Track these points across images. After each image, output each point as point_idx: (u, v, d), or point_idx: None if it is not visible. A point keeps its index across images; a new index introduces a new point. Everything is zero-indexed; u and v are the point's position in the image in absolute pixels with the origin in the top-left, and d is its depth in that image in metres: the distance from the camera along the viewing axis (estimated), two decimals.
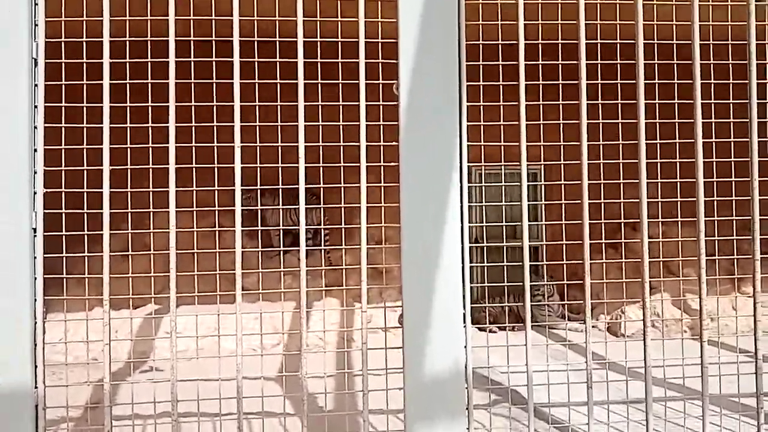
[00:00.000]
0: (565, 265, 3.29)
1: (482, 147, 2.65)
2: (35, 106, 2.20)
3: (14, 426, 2.16)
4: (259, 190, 2.53)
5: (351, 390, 3.70)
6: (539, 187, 7.06)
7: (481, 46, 2.65)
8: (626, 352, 3.21)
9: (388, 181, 2.56)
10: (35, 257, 2.19)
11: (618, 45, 3.00)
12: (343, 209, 2.59)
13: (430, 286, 2.44)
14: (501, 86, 2.71)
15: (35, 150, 2.20)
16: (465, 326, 2.54)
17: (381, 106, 2.48)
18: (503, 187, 3.08)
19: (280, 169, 2.52)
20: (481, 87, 2.64)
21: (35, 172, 2.20)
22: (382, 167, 2.51)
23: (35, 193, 2.20)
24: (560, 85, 2.73)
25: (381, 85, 2.50)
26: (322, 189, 2.53)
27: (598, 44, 2.83)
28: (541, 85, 2.79)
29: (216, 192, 2.52)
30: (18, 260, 2.17)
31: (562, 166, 2.75)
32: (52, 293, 2.52)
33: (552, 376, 3.23)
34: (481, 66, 2.62)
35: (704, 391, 2.63)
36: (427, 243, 2.42)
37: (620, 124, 2.96)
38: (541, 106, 2.76)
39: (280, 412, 2.88)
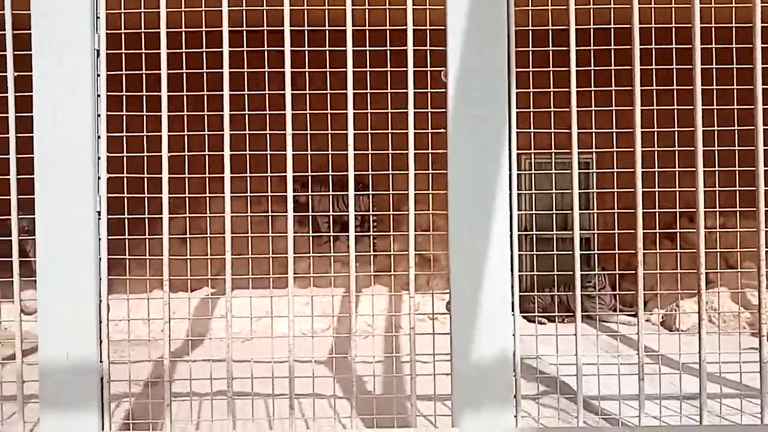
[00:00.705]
0: (617, 256, 3.22)
1: (532, 135, 2.62)
2: (98, 95, 2.31)
3: (81, 396, 2.30)
4: (309, 178, 2.58)
5: (398, 375, 3.74)
6: (591, 175, 6.89)
7: (530, 31, 2.61)
8: (680, 346, 3.12)
9: (435, 168, 2.56)
10: (99, 239, 2.32)
11: (673, 29, 2.88)
12: (391, 197, 2.61)
13: (478, 274, 2.44)
14: (551, 72, 2.67)
15: (98, 137, 2.32)
16: (513, 314, 2.54)
17: (429, 94, 2.48)
18: (554, 176, 3.03)
19: (330, 156, 2.57)
20: (531, 73, 2.61)
21: (99, 158, 2.32)
22: (429, 155, 2.52)
23: (99, 177, 2.32)
24: (612, 71, 2.66)
25: (429, 73, 2.50)
26: (370, 176, 2.55)
27: (653, 28, 2.74)
28: (592, 71, 2.72)
29: (269, 179, 2.59)
30: (84, 241, 2.30)
31: (615, 153, 2.68)
32: (114, 274, 2.66)
33: (602, 368, 3.17)
34: (530, 52, 2.58)
35: (763, 388, 2.54)
36: (475, 231, 2.42)
37: (675, 110, 2.86)
38: (593, 92, 2.69)
39: (330, 394, 2.95)
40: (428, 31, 2.47)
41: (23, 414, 2.42)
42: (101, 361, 2.33)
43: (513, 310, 2.54)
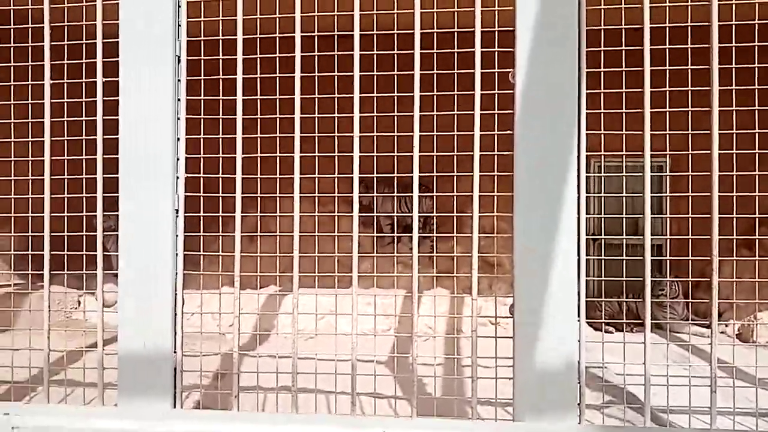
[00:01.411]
0: (691, 264, 3.09)
1: (602, 136, 2.56)
2: (178, 99, 2.43)
3: (155, 384, 2.43)
4: (375, 180, 2.62)
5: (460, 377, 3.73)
6: (664, 178, 6.63)
7: (602, 30, 2.55)
8: (757, 359, 2.97)
9: (501, 170, 2.55)
10: (177, 235, 2.44)
11: (756, 25, 2.74)
12: (455, 199, 2.61)
13: (544, 278, 2.41)
14: (623, 72, 2.59)
15: (178, 139, 2.44)
16: (579, 321, 2.49)
17: (496, 95, 2.47)
18: (624, 179, 2.94)
19: (395, 158, 2.60)
20: (602, 74, 2.55)
21: (178, 159, 2.44)
22: (495, 156, 2.50)
23: (177, 177, 2.44)
24: (689, 71, 2.56)
25: (496, 74, 2.49)
26: (434, 179, 2.57)
27: (733, 26, 2.62)
28: (667, 71, 2.63)
29: (336, 180, 2.65)
30: (162, 238, 2.42)
31: (690, 156, 2.58)
32: (187, 270, 2.79)
33: (672, 380, 3.06)
34: (602, 52, 2.52)
35: None
36: (541, 234, 2.39)
37: (756, 112, 2.72)
38: (667, 93, 2.60)
39: (391, 395, 2.98)
40: (496, 32, 2.46)
41: (102, 400, 2.58)
42: (175, 352, 2.45)
43: (579, 317, 2.49)
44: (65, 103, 2.69)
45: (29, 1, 2.51)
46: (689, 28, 2.63)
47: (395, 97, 2.57)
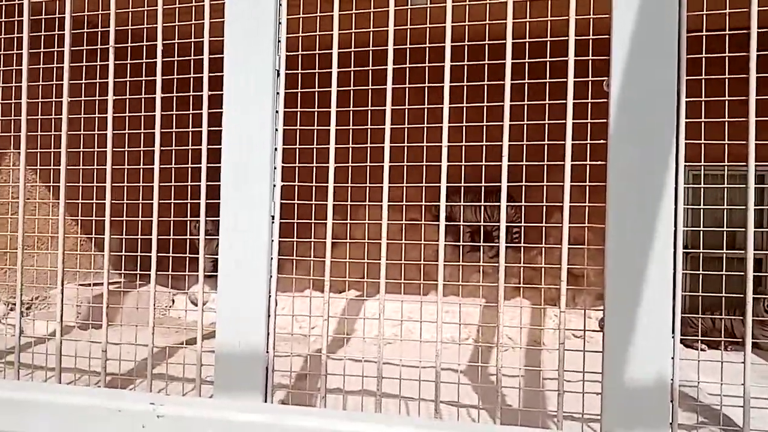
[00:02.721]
0: None
1: (702, 146, 2.45)
2: (276, 111, 2.56)
3: (249, 382, 2.55)
4: (463, 188, 2.64)
5: (543, 389, 3.66)
6: (766, 189, 6.22)
7: (704, 36, 2.45)
8: None
9: (593, 180, 2.50)
10: (272, 240, 2.56)
11: None
12: (545, 209, 2.58)
13: (636, 292, 2.34)
14: (726, 79, 2.48)
15: (276, 149, 2.56)
16: (673, 337, 2.39)
17: (589, 104, 2.43)
18: (725, 190, 2.80)
19: (483, 167, 2.61)
20: (703, 81, 2.45)
21: (275, 168, 2.56)
22: (588, 166, 2.46)
23: (274, 185, 2.56)
24: None
25: (590, 83, 2.45)
26: (523, 188, 2.55)
27: None
28: None
29: (423, 188, 2.69)
30: (259, 243, 2.55)
31: None
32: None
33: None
34: (703, 58, 2.43)
35: None
36: (635, 246, 2.32)
37: None
38: None
39: (473, 404, 2.98)
40: (591, 39, 2.42)
41: (200, 393, 2.73)
42: (267, 352, 2.56)
43: (673, 333, 2.40)
44: (174, 116, 2.89)
45: (144, 20, 2.72)
46: None
47: (485, 108, 2.58)
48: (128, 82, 2.95)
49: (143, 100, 2.89)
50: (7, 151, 2.99)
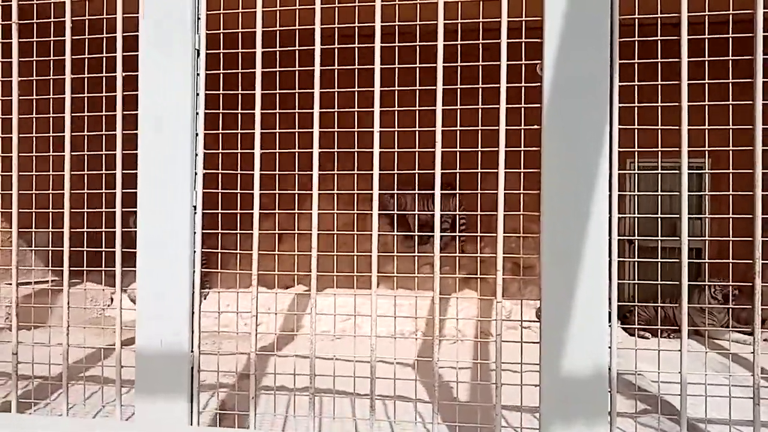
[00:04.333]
0: (731, 267, 2.92)
1: (635, 132, 2.43)
2: (197, 94, 2.41)
3: (173, 383, 2.41)
4: (396, 177, 2.55)
5: (485, 383, 3.62)
6: (704, 177, 6.37)
7: (636, 21, 2.42)
8: None
9: (528, 167, 2.44)
10: (195, 232, 2.41)
11: None
12: (479, 197, 2.52)
13: (572, 281, 2.30)
14: (659, 64, 2.46)
15: (197, 134, 2.41)
16: (610, 326, 2.37)
17: (523, 89, 2.37)
18: (659, 177, 2.80)
19: (417, 155, 2.51)
20: (636, 66, 2.42)
21: (196, 155, 2.41)
22: (522, 152, 2.40)
23: (196, 173, 2.41)
24: (731, 62, 2.41)
25: (523, 66, 2.38)
26: (457, 176, 2.47)
27: None
28: (706, 62, 2.49)
29: (355, 177, 2.58)
30: (180, 235, 2.40)
31: (731, 152, 2.43)
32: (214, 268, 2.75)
33: (711, 389, 2.89)
34: (636, 43, 2.39)
35: None
36: (570, 235, 2.28)
37: None
38: (706, 85, 2.46)
39: (412, 398, 2.90)
40: (524, 22, 2.35)
41: (120, 397, 2.56)
42: (192, 351, 2.42)
43: (610, 322, 2.37)
44: (86, 98, 2.69)
45: None
46: (730, 17, 2.48)
47: (417, 92, 2.49)
48: (34, 63, 2.73)
49: (51, 82, 2.67)
50: None
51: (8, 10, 2.54)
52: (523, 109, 2.33)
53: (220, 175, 2.52)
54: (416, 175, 2.54)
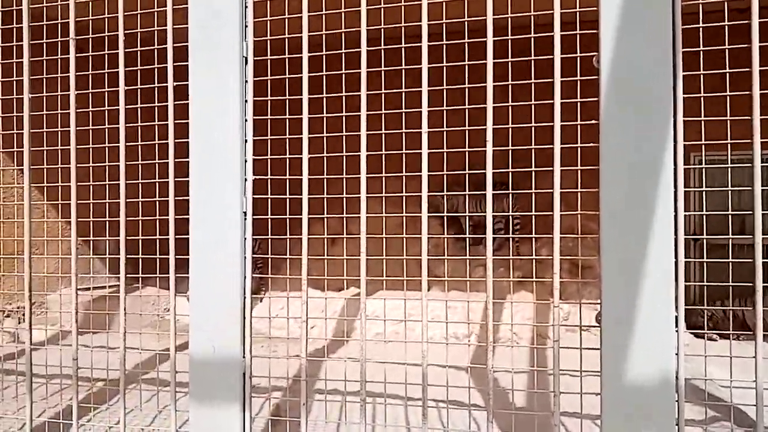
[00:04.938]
0: None
1: (702, 124, 2.28)
2: (245, 101, 2.41)
3: (226, 389, 2.42)
4: (445, 178, 2.48)
5: (542, 389, 3.50)
6: None
7: (701, 6, 2.28)
8: None
9: (585, 164, 2.33)
10: (245, 238, 2.42)
11: None
12: (533, 197, 2.42)
13: (635, 283, 2.18)
14: (726, 50, 2.30)
15: (246, 140, 2.42)
16: (677, 330, 2.23)
17: (578, 83, 2.26)
18: (729, 171, 2.62)
19: (467, 154, 2.44)
20: (701, 53, 2.27)
21: (246, 161, 2.42)
22: (578, 149, 2.29)
23: (246, 179, 2.42)
24: None
25: (578, 59, 2.28)
26: (510, 174, 2.39)
27: None
28: None
29: (403, 179, 2.53)
30: (231, 241, 2.41)
31: None
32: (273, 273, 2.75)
33: None
34: (701, 29, 2.25)
35: None
36: (632, 234, 2.16)
37: None
38: None
39: (466, 404, 2.82)
40: (578, 13, 2.25)
41: (175, 403, 2.60)
42: (244, 357, 2.42)
43: (677, 326, 2.23)
44: (139, 109, 2.75)
45: (105, 10, 2.59)
46: None
47: (467, 90, 2.42)
48: (90, 76, 2.81)
49: (106, 94, 2.75)
50: None
51: (66, 27, 2.62)
52: (579, 103, 2.23)
53: (269, 180, 2.52)
54: (467, 175, 2.46)
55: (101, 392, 3.99)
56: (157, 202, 2.71)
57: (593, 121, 2.14)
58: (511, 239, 6.19)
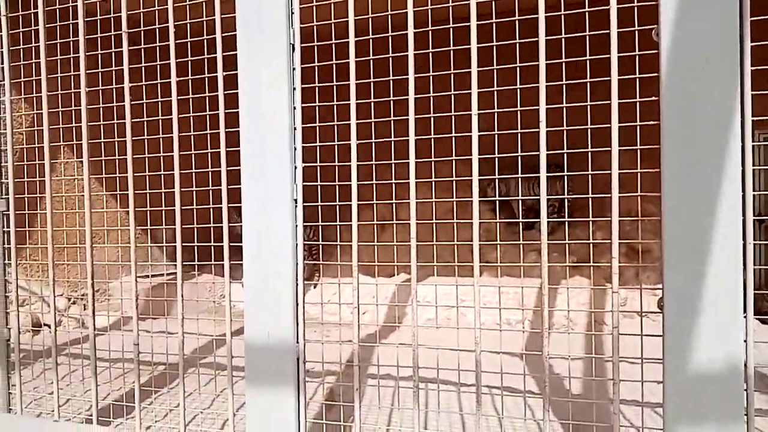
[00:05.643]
0: None
1: None
2: (294, 88, 2.42)
3: (279, 373, 2.45)
4: (496, 161, 2.42)
5: (600, 377, 3.42)
6: None
7: None
8: None
9: (645, 143, 2.23)
10: (296, 225, 2.44)
11: None
12: (590, 178, 2.34)
13: (700, 267, 2.07)
14: None
15: (294, 128, 2.43)
16: (745, 316, 2.12)
17: (637, 58, 2.16)
18: None
19: (519, 136, 2.38)
20: None
21: (295, 149, 2.43)
22: (638, 127, 2.19)
23: (295, 167, 2.43)
24: None
25: (636, 33, 2.17)
26: (564, 156, 2.31)
27: None
28: None
29: (453, 163, 2.49)
30: (283, 228, 2.43)
31: None
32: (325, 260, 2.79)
33: None
34: None
35: None
36: (696, 216, 2.05)
37: None
38: None
39: (521, 390, 2.78)
40: None
41: (232, 387, 2.66)
42: (297, 342, 2.45)
43: (745, 311, 2.12)
44: (190, 100, 2.80)
45: (155, 2, 2.63)
46: None
47: (518, 70, 2.35)
48: (143, 69, 2.87)
49: (159, 86, 2.81)
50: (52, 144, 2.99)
51: (119, 20, 2.69)
52: (637, 80, 2.13)
53: (318, 167, 2.53)
54: (518, 157, 2.40)
55: (162, 376, 4.14)
56: (211, 191, 2.76)
57: (653, 98, 2.04)
58: (566, 223, 6.04)
